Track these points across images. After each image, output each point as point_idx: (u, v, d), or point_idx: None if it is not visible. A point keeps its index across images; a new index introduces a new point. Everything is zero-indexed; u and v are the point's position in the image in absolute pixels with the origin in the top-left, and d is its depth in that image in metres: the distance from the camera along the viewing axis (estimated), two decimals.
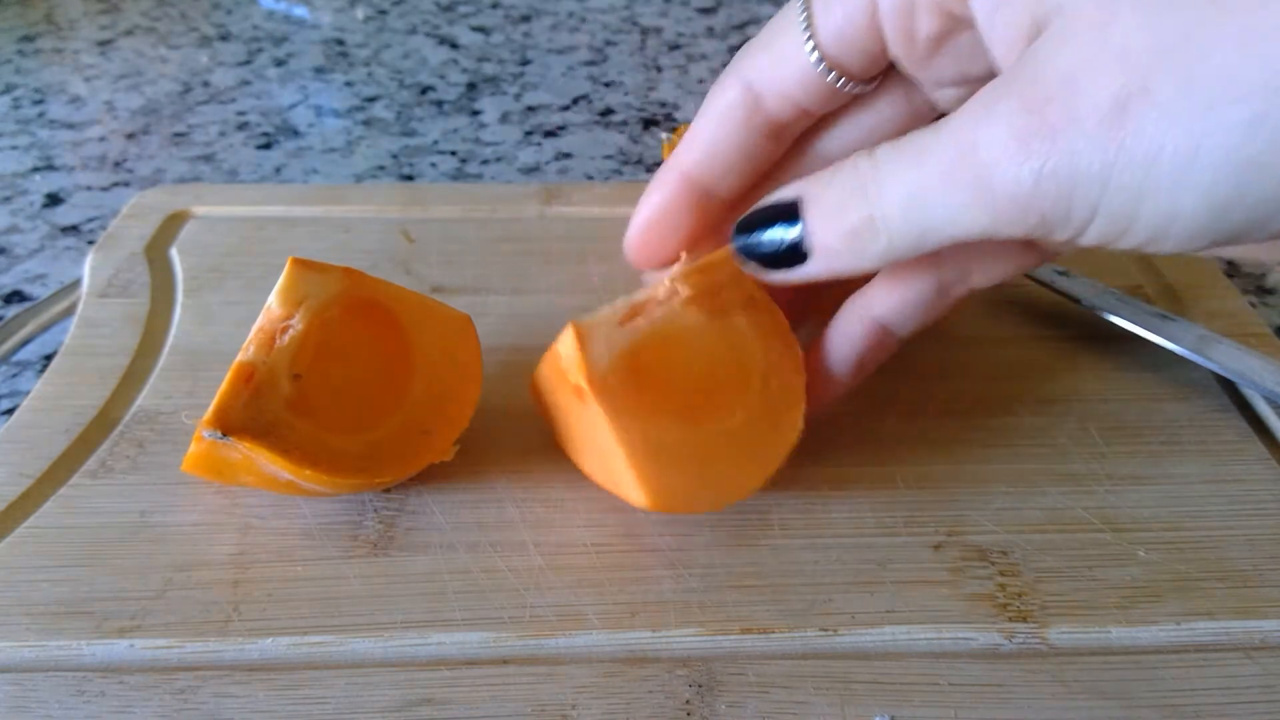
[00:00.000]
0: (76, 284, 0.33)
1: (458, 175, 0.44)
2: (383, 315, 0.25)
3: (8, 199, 0.42)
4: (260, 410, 0.22)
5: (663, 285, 0.23)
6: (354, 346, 0.24)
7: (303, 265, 0.24)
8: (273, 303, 0.24)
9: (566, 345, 0.22)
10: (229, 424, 0.22)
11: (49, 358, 0.31)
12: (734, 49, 0.57)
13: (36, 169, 0.45)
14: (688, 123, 0.36)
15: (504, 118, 0.49)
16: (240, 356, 0.23)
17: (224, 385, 0.22)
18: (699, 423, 0.22)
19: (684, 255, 0.24)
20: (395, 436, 0.24)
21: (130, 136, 0.48)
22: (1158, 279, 0.33)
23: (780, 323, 0.24)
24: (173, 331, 0.30)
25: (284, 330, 0.23)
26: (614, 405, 0.21)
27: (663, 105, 0.50)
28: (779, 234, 0.21)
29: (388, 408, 0.24)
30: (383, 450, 0.24)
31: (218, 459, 0.23)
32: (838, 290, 0.24)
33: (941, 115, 0.19)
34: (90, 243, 0.38)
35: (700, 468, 0.22)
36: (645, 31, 0.59)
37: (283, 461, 0.22)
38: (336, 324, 0.24)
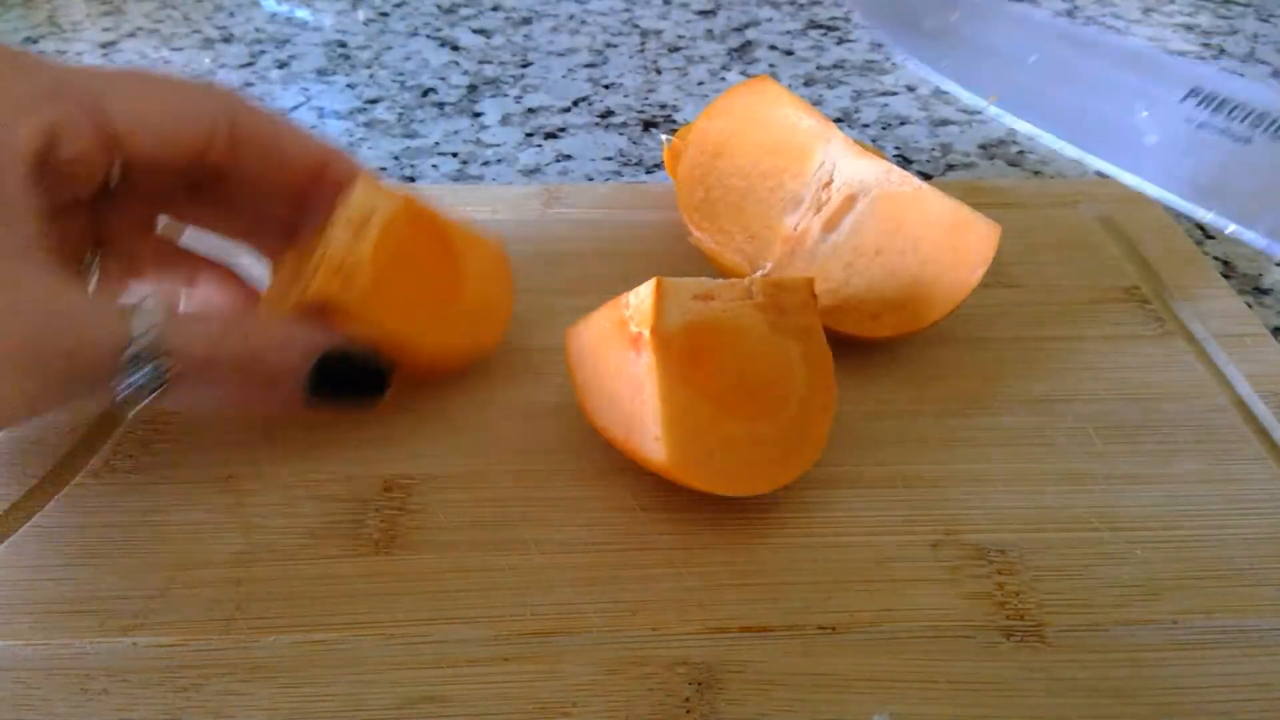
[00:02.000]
0: None
1: (459, 177, 0.44)
2: (438, 233, 0.28)
3: None
4: (348, 289, 0.25)
5: (741, 283, 0.25)
6: (415, 257, 0.27)
7: (373, 181, 0.27)
8: (352, 208, 0.25)
9: (643, 294, 0.23)
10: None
11: None
12: (733, 51, 0.57)
13: None
14: (688, 124, 0.37)
15: (505, 119, 0.49)
16: (321, 249, 0.25)
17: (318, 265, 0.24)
18: (731, 416, 0.23)
19: (768, 264, 0.27)
20: (446, 340, 0.27)
21: None
22: (1154, 280, 0.33)
23: (827, 360, 0.25)
24: None
25: (360, 231, 0.25)
26: (667, 362, 0.23)
27: (663, 107, 0.50)
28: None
29: (442, 315, 0.27)
30: (436, 348, 0.26)
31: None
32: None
33: None
34: None
35: (721, 453, 0.23)
36: (645, 34, 0.59)
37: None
38: (403, 234, 0.26)
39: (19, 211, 0.21)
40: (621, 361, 0.24)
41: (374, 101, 0.51)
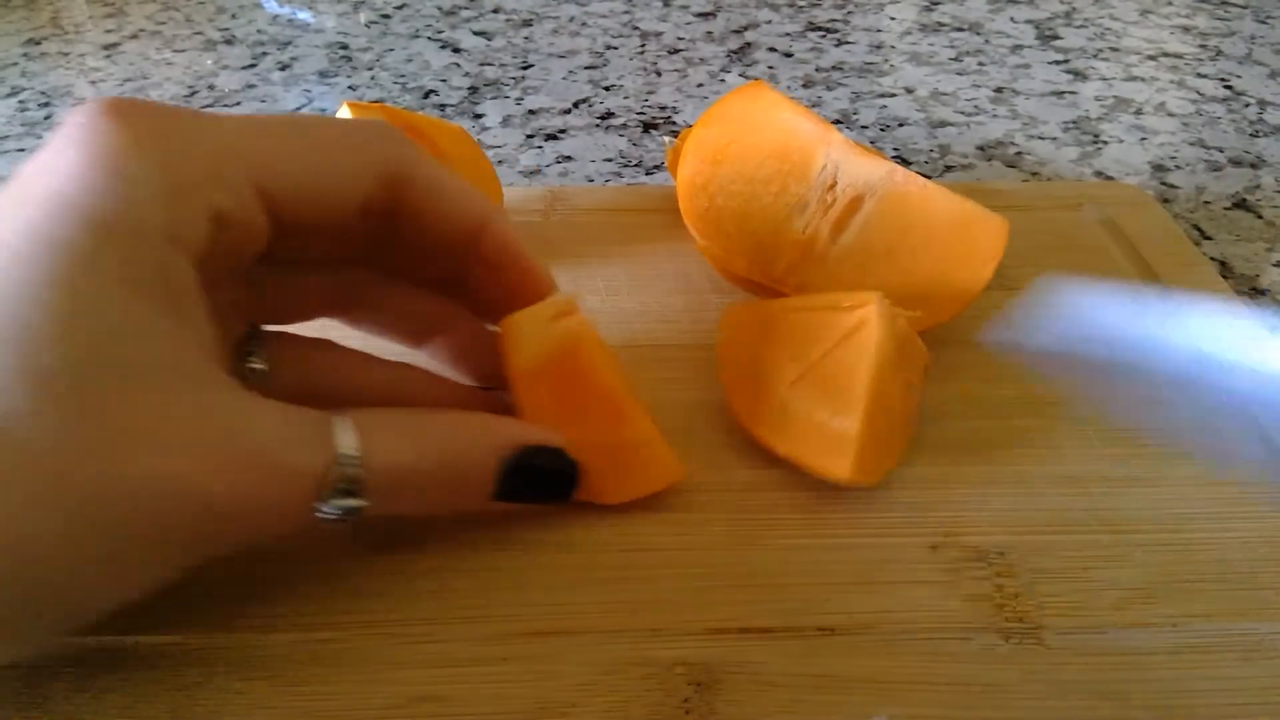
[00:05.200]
0: None
1: None
2: (419, 133, 0.31)
3: None
4: None
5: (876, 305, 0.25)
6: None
7: (358, 107, 0.31)
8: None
9: (500, 338, 0.24)
10: None
11: None
12: (733, 53, 0.57)
13: None
14: (689, 126, 0.37)
15: (505, 121, 0.49)
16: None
17: None
18: (609, 423, 0.24)
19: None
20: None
21: None
22: (1155, 282, 0.33)
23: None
24: None
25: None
26: (531, 401, 0.24)
27: (662, 109, 0.50)
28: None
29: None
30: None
31: None
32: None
33: None
34: None
35: (601, 466, 0.23)
36: (645, 36, 0.59)
37: None
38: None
39: (193, 321, 0.18)
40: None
41: (376, 103, 0.51)
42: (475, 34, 0.60)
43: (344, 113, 0.32)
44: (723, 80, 0.54)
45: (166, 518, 0.17)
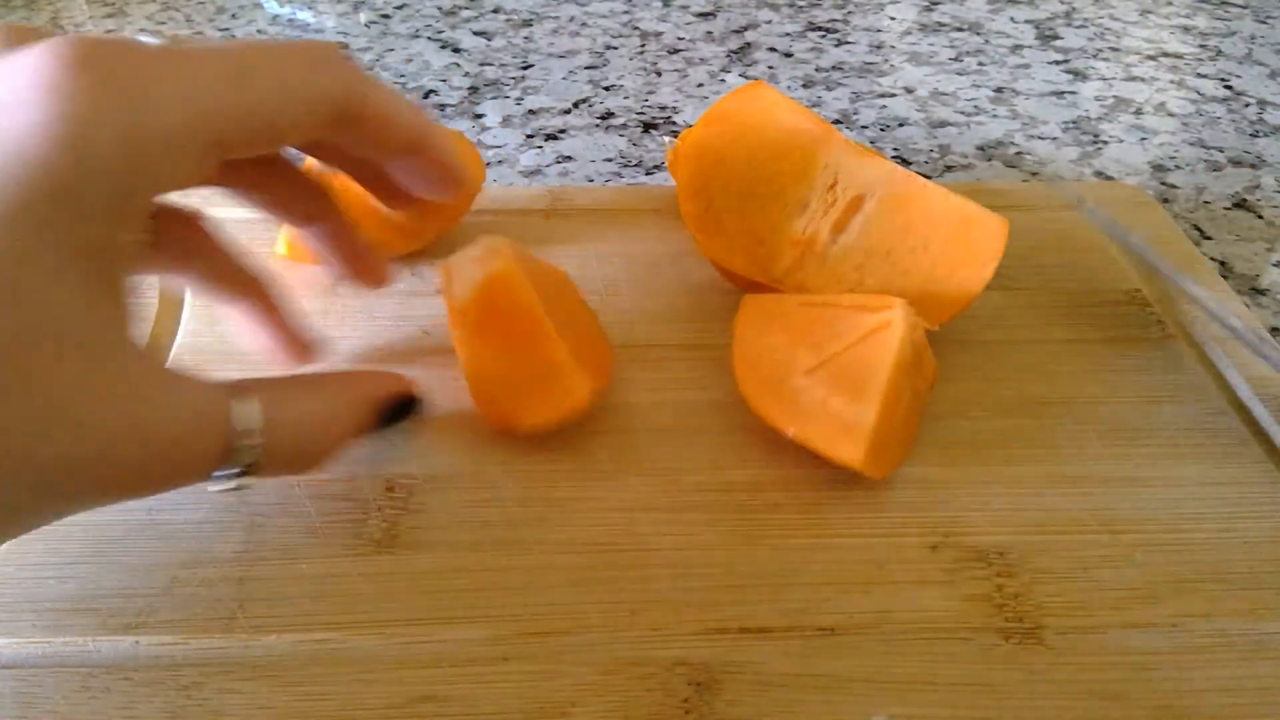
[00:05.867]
0: None
1: None
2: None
3: None
4: None
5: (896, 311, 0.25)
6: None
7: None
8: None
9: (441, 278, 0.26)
10: None
11: None
12: (733, 53, 0.57)
13: None
14: (689, 126, 0.37)
15: (506, 121, 0.49)
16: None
17: None
18: (527, 351, 0.25)
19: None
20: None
21: None
22: (1155, 282, 0.33)
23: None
24: (180, 332, 0.31)
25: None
26: (464, 331, 0.26)
27: (662, 109, 0.50)
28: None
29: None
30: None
31: None
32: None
33: None
34: None
35: (517, 393, 0.25)
36: (645, 36, 0.59)
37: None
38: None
39: (124, 292, 0.19)
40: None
41: None
42: (475, 34, 0.60)
43: None
44: (723, 80, 0.54)
45: (61, 487, 0.17)
